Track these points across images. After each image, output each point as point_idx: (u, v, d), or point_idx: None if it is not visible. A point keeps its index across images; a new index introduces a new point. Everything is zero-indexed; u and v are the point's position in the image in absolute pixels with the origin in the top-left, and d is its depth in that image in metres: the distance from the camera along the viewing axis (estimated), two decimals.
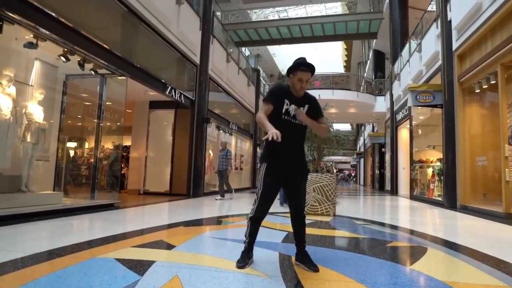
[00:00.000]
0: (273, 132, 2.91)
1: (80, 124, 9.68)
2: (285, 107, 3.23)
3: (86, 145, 9.84)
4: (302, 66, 3.23)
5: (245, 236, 3.38)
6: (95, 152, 8.91)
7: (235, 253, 3.65)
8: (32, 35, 6.58)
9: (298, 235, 3.39)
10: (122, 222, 6.43)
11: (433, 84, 12.69)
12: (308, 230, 5.01)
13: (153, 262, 3.41)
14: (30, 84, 7.55)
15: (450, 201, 10.84)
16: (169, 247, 4.11)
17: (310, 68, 3.24)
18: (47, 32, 6.57)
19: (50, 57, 7.57)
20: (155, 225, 5.84)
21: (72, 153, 9.87)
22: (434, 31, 12.76)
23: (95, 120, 8.82)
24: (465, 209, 9.93)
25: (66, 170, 8.90)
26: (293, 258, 3.53)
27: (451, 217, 8.60)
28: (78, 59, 7.64)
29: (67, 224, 5.71)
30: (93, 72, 8.22)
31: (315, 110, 3.38)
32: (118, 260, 3.43)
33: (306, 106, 3.34)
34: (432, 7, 13.57)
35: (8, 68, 6.65)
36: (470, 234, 6.09)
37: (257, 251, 3.68)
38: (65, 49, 7.22)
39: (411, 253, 4.37)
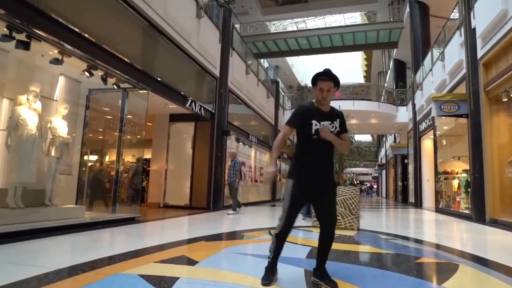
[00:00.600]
0: (267, 173, 3.19)
1: (101, 137, 9.79)
2: (314, 127, 3.21)
3: (107, 158, 9.94)
4: (321, 75, 3.23)
5: (270, 252, 3.33)
6: (116, 165, 8.97)
7: (259, 269, 3.60)
8: (57, 51, 6.73)
9: (323, 253, 3.33)
10: (144, 236, 6.43)
11: (458, 93, 12.55)
12: (332, 245, 5.08)
13: (176, 278, 3.37)
14: (55, 99, 7.72)
15: (478, 214, 10.58)
16: (192, 262, 4.07)
17: (330, 76, 3.22)
18: (72, 48, 6.72)
19: (74, 72, 7.71)
20: (177, 239, 5.83)
21: (93, 166, 9.98)
22: (458, 39, 12.63)
23: (117, 134, 8.90)
24: (495, 223, 9.69)
25: (88, 183, 8.99)
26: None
27: (480, 231, 8.39)
28: (101, 74, 7.78)
29: (89, 239, 5.73)
30: (115, 86, 8.34)
31: (342, 125, 3.36)
32: (142, 276, 3.41)
33: (338, 120, 3.32)
34: (455, 15, 13.52)
35: (34, 84, 6.80)
36: (502, 250, 5.90)
37: (281, 267, 3.63)
38: (89, 64, 7.36)
39: (441, 270, 4.20)
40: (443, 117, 13.43)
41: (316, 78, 3.24)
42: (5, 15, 5.51)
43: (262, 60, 27.49)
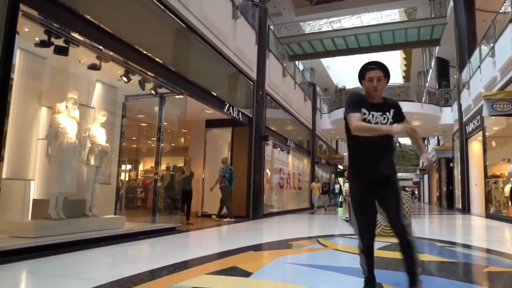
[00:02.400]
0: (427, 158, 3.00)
1: (138, 146, 9.83)
2: (362, 117, 3.04)
3: (143, 167, 9.94)
4: (368, 65, 3.13)
5: (362, 267, 3.20)
6: (154, 174, 8.92)
7: (317, 279, 3.50)
8: (95, 56, 6.73)
9: (405, 262, 3.01)
10: (189, 246, 6.51)
11: (511, 91, 12.30)
12: (384, 253, 5.18)
13: None
14: (92, 106, 7.71)
15: None
16: (246, 274, 4.00)
17: (378, 65, 3.10)
18: (108, 51, 6.69)
19: (111, 78, 7.72)
20: (223, 249, 5.82)
21: (130, 175, 9.98)
22: (510, 33, 12.30)
23: (154, 142, 8.85)
24: None
25: (125, 193, 8.99)
26: None
27: None
28: (139, 79, 7.77)
29: (133, 250, 5.75)
30: (153, 92, 8.31)
31: (398, 115, 3.12)
32: None
33: (392, 111, 3.10)
34: (506, 8, 13.17)
35: (72, 91, 6.79)
36: None
37: (342, 279, 3.60)
38: (126, 69, 7.35)
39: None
40: (493, 118, 13.15)
41: (364, 69, 3.13)
42: (43, 20, 5.47)
43: (296, 63, 27.30)
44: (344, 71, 35.17)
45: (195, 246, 6.67)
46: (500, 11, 14.12)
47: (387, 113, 3.08)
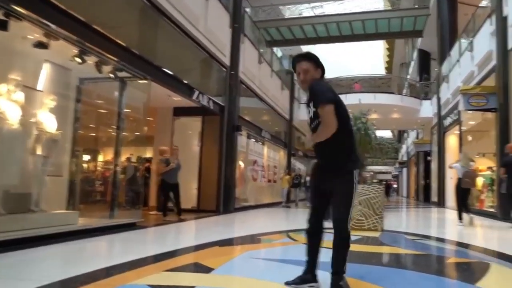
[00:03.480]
0: None
1: (96, 134, 9.40)
2: (308, 115, 3.25)
3: (103, 157, 9.43)
4: (295, 58, 3.23)
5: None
6: (114, 165, 8.50)
7: (283, 274, 3.51)
8: (42, 33, 6.18)
9: (332, 259, 3.07)
10: (149, 243, 6.45)
11: (487, 86, 12.70)
12: (356, 247, 5.27)
13: (192, 287, 3.37)
14: (40, 89, 7.15)
15: (504, 212, 10.72)
16: (207, 270, 3.99)
17: (303, 56, 3.19)
18: (60, 29, 6.20)
19: (62, 59, 7.18)
20: (187, 245, 5.84)
21: (89, 167, 9.47)
22: (488, 28, 12.67)
23: (113, 130, 8.44)
24: None
25: (80, 186, 8.51)
26: None
27: (506, 229, 8.83)
28: (96, 61, 7.28)
29: (86, 247, 5.62)
30: (111, 76, 7.83)
31: (313, 100, 3.13)
32: (152, 286, 3.30)
33: (311, 102, 3.16)
34: (485, 2, 13.77)
35: (14, 72, 6.27)
36: None
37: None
38: (80, 49, 6.83)
39: (473, 269, 4.46)
40: (469, 112, 13.70)
41: (293, 64, 3.24)
42: None
43: (275, 49, 26.97)
44: (325, 60, 34.77)
45: (156, 242, 6.60)
46: (480, 5, 14.56)
47: (310, 104, 3.15)
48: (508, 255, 5.19)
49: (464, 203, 9.73)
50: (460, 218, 9.42)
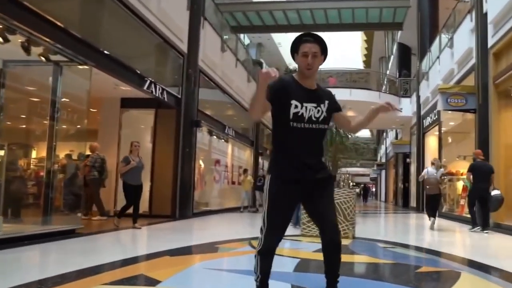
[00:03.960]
0: (264, 74, 2.67)
1: (27, 126, 9.03)
2: (292, 110, 2.93)
3: (36, 154, 8.97)
4: (304, 36, 3.06)
5: (255, 273, 3.08)
6: (47, 163, 8.18)
7: (240, 287, 3.63)
8: None
9: (330, 267, 3.07)
10: (88, 252, 6.24)
11: (466, 85, 13.10)
12: (322, 256, 5.02)
13: None
14: None
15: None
16: (152, 282, 3.98)
17: (315, 37, 3.02)
18: None
19: None
20: (132, 255, 5.78)
21: (13, 164, 8.99)
22: (468, 24, 13.02)
23: (47, 122, 8.08)
24: (499, 227, 10.42)
25: (6, 187, 8.04)
26: None
27: (483, 237, 9.24)
28: (21, 40, 6.88)
29: (11, 258, 5.44)
30: (43, 59, 7.46)
31: (334, 105, 3.14)
32: None
33: (326, 102, 3.06)
34: None
35: None
36: (505, 255, 6.66)
37: None
38: (2, 26, 6.43)
39: (443, 279, 4.69)
40: (450, 112, 13.99)
41: (298, 41, 3.05)
42: None
43: (242, 36, 26.79)
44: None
45: (98, 251, 6.44)
46: None
47: (322, 105, 3.02)
48: (480, 263, 5.47)
49: (433, 208, 11.00)
50: (430, 218, 10.82)
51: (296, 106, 2.92)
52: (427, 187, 11.03)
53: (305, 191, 3.01)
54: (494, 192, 9.71)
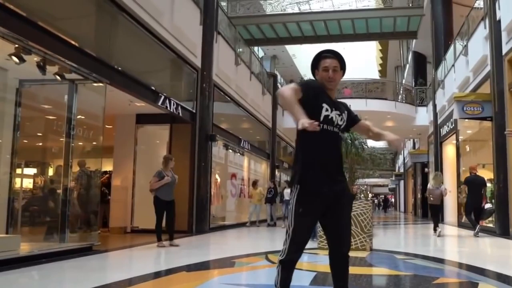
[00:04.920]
0: (306, 122, 2.66)
1: (44, 144, 9.09)
2: (324, 112, 3.04)
3: (53, 171, 9.04)
4: (324, 52, 3.22)
5: (275, 286, 3.11)
6: (63, 180, 8.18)
7: None
8: None
9: (338, 281, 3.15)
10: (105, 269, 6.38)
11: (482, 93, 13.05)
12: None
13: None
14: None
15: (502, 228, 11.14)
16: None
17: (334, 53, 3.20)
18: None
19: None
20: (149, 271, 5.74)
21: (36, 182, 9.07)
22: (482, 31, 12.97)
23: (63, 139, 8.13)
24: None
25: (23, 205, 8.23)
26: None
27: (504, 247, 9.22)
28: (37, 60, 7.02)
29: (29, 277, 5.51)
30: (58, 77, 7.57)
31: (353, 116, 3.33)
32: None
33: (346, 112, 3.23)
34: (479, 3, 13.79)
35: None
36: None
37: None
38: (18, 47, 6.54)
39: None
40: (466, 120, 14.01)
41: (318, 57, 3.21)
42: None
43: (256, 49, 26.94)
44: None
45: (114, 268, 6.56)
46: (474, 6, 14.69)
47: (344, 114, 3.17)
48: (498, 273, 5.48)
49: (436, 216, 12.24)
50: (435, 229, 11.75)
51: (327, 110, 3.05)
52: (431, 198, 12.19)
53: (330, 203, 3.07)
54: (488, 206, 11.35)
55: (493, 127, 11.80)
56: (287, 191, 15.51)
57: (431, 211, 12.90)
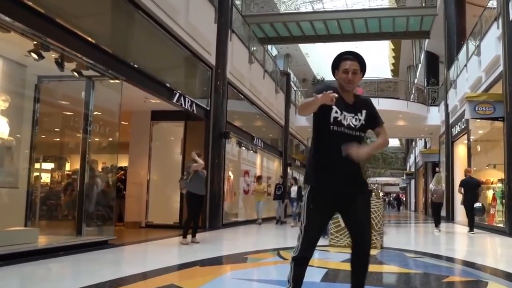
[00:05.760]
0: (324, 96, 2.79)
1: (61, 139, 9.17)
2: (333, 114, 3.08)
3: (70, 166, 9.10)
4: (345, 54, 3.21)
5: (288, 282, 3.17)
6: (81, 175, 8.20)
7: None
8: None
9: (356, 278, 3.20)
10: (121, 263, 6.50)
11: (494, 93, 12.97)
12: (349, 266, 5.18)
13: None
14: None
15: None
16: None
17: (355, 55, 3.19)
18: (9, 20, 5.86)
19: (16, 53, 6.98)
20: (163, 265, 5.68)
21: (53, 176, 9.15)
22: (495, 31, 12.86)
23: (80, 135, 8.17)
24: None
25: (41, 199, 8.27)
26: None
27: (508, 245, 9.39)
28: (55, 57, 7.04)
29: (47, 269, 5.59)
30: (76, 74, 7.58)
31: (374, 117, 3.25)
32: None
33: (364, 112, 3.18)
34: (493, 3, 13.75)
35: None
36: None
37: None
38: (37, 43, 6.55)
39: None
40: (478, 120, 13.99)
41: (339, 59, 3.21)
42: None
43: (269, 47, 26.98)
44: (326, 60, 34.77)
45: (130, 262, 6.65)
46: (487, 6, 14.63)
47: (359, 114, 3.16)
48: (506, 272, 5.50)
49: (437, 214, 13.59)
50: (436, 225, 13.04)
51: (336, 112, 3.07)
52: (434, 195, 13.58)
53: (343, 202, 3.12)
54: (477, 204, 12.33)
55: (505, 127, 11.76)
56: (293, 188, 15.45)
57: (433, 209, 14.27)
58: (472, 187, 12.16)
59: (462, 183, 12.46)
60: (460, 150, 19.02)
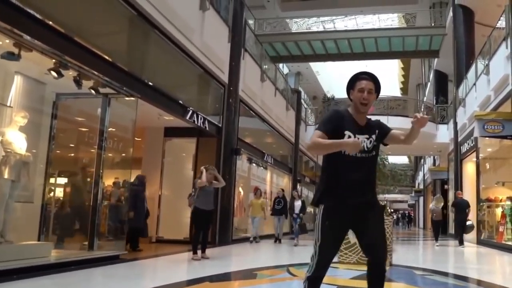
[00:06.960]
0: (352, 141, 2.92)
1: (76, 155, 9.24)
2: (346, 140, 3.07)
3: (82, 182, 9.14)
4: (361, 74, 3.24)
5: None
6: (95, 190, 8.23)
7: None
8: (12, 43, 5.97)
9: None
10: (131, 278, 6.39)
11: (503, 112, 13.06)
12: (360, 283, 5.36)
13: None
14: (9, 105, 6.99)
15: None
16: None
17: (371, 76, 3.22)
18: (32, 39, 5.96)
19: (35, 71, 7.03)
20: (174, 281, 5.72)
21: (66, 191, 9.16)
22: (504, 51, 12.86)
23: (95, 150, 8.22)
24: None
25: (55, 214, 8.30)
26: None
27: None
28: (74, 75, 7.10)
29: (59, 283, 5.54)
30: (93, 91, 7.65)
31: (382, 129, 3.26)
32: None
33: (377, 131, 3.20)
34: (501, 23, 13.83)
35: None
36: None
37: None
38: (57, 62, 6.63)
39: None
40: (487, 138, 14.07)
41: (355, 78, 3.23)
42: None
43: (280, 65, 27.13)
44: (336, 79, 34.93)
45: (140, 277, 6.62)
46: (496, 26, 14.73)
47: (373, 136, 3.16)
48: None
49: (437, 231, 15.42)
50: (436, 240, 14.91)
51: (349, 137, 3.04)
52: (434, 215, 15.51)
53: (357, 218, 3.10)
54: (468, 222, 14.16)
55: None
56: (297, 203, 14.15)
57: (433, 226, 16.16)
58: (462, 207, 13.77)
59: (454, 203, 14.13)
60: (469, 168, 18.94)
